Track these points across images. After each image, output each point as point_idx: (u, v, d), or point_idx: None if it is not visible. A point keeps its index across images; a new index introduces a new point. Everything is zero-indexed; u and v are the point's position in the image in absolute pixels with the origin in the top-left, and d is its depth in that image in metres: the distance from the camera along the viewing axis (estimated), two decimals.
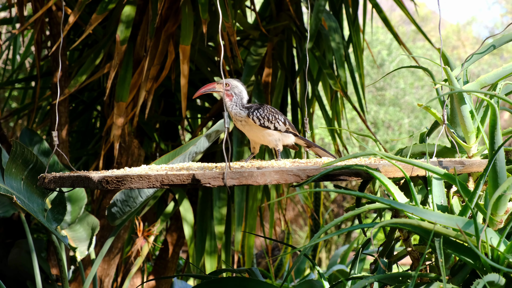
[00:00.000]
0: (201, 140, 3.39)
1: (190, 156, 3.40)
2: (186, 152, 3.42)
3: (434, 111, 2.41)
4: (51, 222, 3.40)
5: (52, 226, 3.37)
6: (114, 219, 3.55)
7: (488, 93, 2.05)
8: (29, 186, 3.32)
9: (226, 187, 1.90)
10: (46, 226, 3.27)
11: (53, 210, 3.46)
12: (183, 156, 3.41)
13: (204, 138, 3.37)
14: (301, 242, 10.75)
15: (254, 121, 2.46)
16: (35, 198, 3.33)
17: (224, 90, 2.47)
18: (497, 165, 1.98)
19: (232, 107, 2.49)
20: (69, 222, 3.82)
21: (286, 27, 4.76)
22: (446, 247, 1.92)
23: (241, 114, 2.48)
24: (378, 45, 13.17)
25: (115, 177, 1.95)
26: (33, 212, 3.20)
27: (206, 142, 3.40)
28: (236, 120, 2.50)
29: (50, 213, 3.44)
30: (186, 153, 3.41)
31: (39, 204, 3.34)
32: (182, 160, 3.40)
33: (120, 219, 3.56)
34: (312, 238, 1.92)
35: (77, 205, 3.85)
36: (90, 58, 4.36)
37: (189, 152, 3.40)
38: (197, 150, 3.39)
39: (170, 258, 5.00)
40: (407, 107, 12.95)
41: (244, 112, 2.48)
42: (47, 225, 3.27)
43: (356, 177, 2.03)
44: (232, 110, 2.49)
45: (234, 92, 2.50)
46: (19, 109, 5.57)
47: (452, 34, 20.82)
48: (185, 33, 4.05)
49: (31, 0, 4.30)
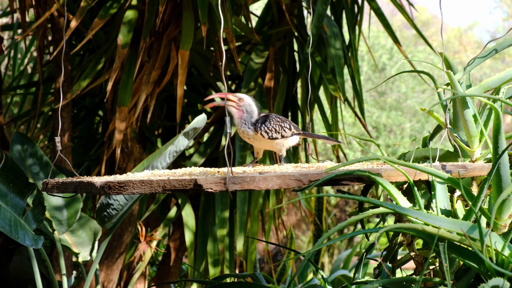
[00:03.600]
0: (179, 138, 3.40)
1: (170, 156, 3.43)
2: (165, 152, 3.44)
3: (437, 115, 2.41)
4: (31, 223, 3.37)
5: (31, 227, 3.35)
6: (104, 222, 3.58)
7: (492, 97, 2.04)
8: (3, 184, 3.27)
9: (228, 192, 1.90)
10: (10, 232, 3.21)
11: (33, 210, 3.41)
12: (163, 156, 3.44)
13: (182, 136, 3.40)
14: (303, 246, 10.74)
15: (263, 135, 2.46)
16: (13, 196, 3.30)
17: (236, 105, 2.47)
18: (501, 169, 1.97)
19: (241, 124, 2.48)
20: (66, 226, 3.80)
21: (288, 32, 4.77)
22: (450, 251, 1.91)
23: (249, 133, 2.48)
24: (379, 49, 13.17)
25: (117, 182, 1.94)
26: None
27: (185, 140, 3.42)
28: (244, 136, 2.51)
29: (30, 213, 3.40)
30: (166, 153, 3.44)
31: (17, 203, 3.31)
32: (163, 160, 3.43)
33: (110, 222, 3.59)
34: (316, 243, 1.92)
35: (72, 208, 3.83)
36: (92, 64, 4.37)
37: (169, 151, 3.41)
38: (176, 149, 3.42)
39: (173, 263, 5.00)
40: (409, 111, 12.95)
41: (252, 131, 2.47)
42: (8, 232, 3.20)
43: (359, 182, 2.03)
44: (241, 128, 2.49)
45: (246, 109, 2.49)
46: (20, 115, 5.57)
47: (454, 38, 20.83)
48: (185, 38, 4.05)
49: (33, 6, 4.31)
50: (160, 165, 3.43)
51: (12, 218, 3.23)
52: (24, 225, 3.29)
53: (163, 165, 3.43)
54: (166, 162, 3.43)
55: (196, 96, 5.07)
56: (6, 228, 3.14)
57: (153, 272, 6.18)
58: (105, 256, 4.48)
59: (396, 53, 13.05)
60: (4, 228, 3.13)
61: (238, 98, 2.48)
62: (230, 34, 3.90)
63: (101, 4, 4.53)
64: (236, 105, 2.48)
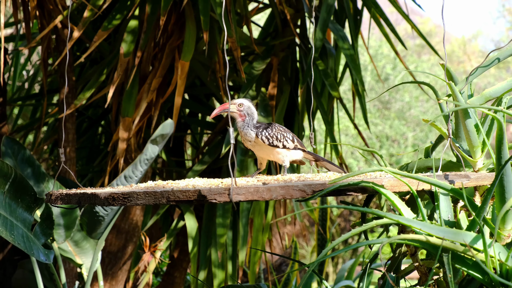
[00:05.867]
0: (148, 146, 3.50)
1: (142, 164, 3.51)
2: (136, 161, 3.54)
3: (439, 126, 2.41)
4: (40, 237, 3.38)
5: (40, 241, 3.36)
6: (89, 232, 3.66)
7: (494, 108, 2.04)
8: (12, 199, 3.27)
9: (232, 202, 1.90)
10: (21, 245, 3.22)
11: (41, 224, 3.43)
12: (134, 165, 3.53)
13: (150, 144, 3.48)
14: (307, 256, 10.71)
15: (263, 140, 2.47)
16: (21, 212, 3.31)
17: (237, 110, 2.49)
18: (504, 179, 1.97)
19: (244, 127, 2.50)
20: (64, 236, 3.79)
21: (291, 42, 4.78)
22: (454, 262, 1.91)
23: (251, 135, 2.49)
24: (382, 59, 13.19)
25: (121, 193, 1.95)
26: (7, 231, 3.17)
27: (155, 148, 3.50)
28: (246, 140, 2.52)
29: (38, 227, 3.42)
30: (136, 162, 3.54)
31: (26, 218, 3.32)
32: (135, 169, 3.54)
33: (96, 232, 3.63)
34: (320, 254, 1.92)
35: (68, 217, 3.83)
36: (95, 75, 4.38)
37: (139, 160, 3.52)
38: (147, 157, 3.50)
39: (178, 273, 4.99)
40: (412, 121, 12.95)
41: (254, 133, 2.49)
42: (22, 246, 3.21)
43: (362, 192, 2.03)
44: (243, 130, 2.50)
45: (247, 113, 2.51)
46: (24, 126, 5.59)
47: (458, 48, 20.83)
48: (187, 49, 4.08)
49: (38, 17, 4.33)
50: (133, 173, 3.53)
51: (24, 234, 3.25)
52: (34, 240, 3.31)
53: (136, 174, 3.53)
54: (138, 171, 3.54)
55: (198, 106, 5.08)
56: (22, 244, 3.16)
57: (157, 282, 6.17)
58: (110, 267, 4.48)
59: (400, 63, 13.06)
60: (20, 245, 3.15)
61: (238, 104, 2.50)
62: (234, 43, 3.92)
63: (105, 15, 4.55)
64: (237, 111, 2.50)
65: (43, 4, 4.27)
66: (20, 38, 5.42)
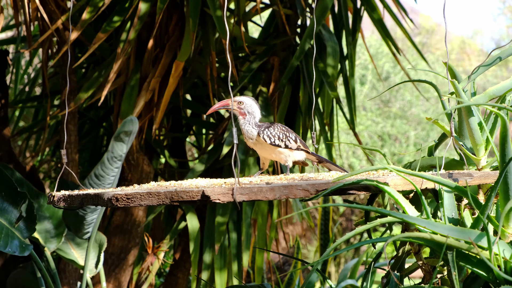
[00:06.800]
0: (112, 144, 3.57)
1: (111, 161, 3.57)
2: (103, 159, 3.60)
3: (442, 124, 2.40)
4: (23, 232, 3.39)
5: (24, 235, 3.36)
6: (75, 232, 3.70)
7: (498, 106, 2.04)
8: None
9: (236, 202, 1.90)
10: None
11: (26, 219, 3.45)
12: (102, 163, 3.61)
13: (114, 141, 3.54)
14: (309, 256, 10.71)
15: (264, 139, 2.46)
16: (7, 206, 3.32)
17: (237, 108, 2.48)
18: (508, 177, 1.97)
19: (245, 125, 2.49)
20: (56, 241, 3.79)
21: (291, 42, 4.78)
22: (458, 260, 1.91)
23: (253, 133, 2.48)
24: (383, 57, 13.17)
25: (124, 194, 1.94)
26: None
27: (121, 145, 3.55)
28: (247, 138, 2.50)
29: (23, 222, 3.43)
30: (104, 160, 3.60)
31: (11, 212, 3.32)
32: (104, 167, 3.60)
33: (82, 232, 3.65)
34: (323, 254, 1.91)
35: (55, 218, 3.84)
36: (95, 75, 4.39)
37: (106, 158, 3.59)
38: (114, 155, 3.58)
39: (181, 274, 4.99)
40: (413, 119, 12.93)
41: (255, 131, 2.48)
42: None
43: (366, 191, 2.03)
44: (245, 128, 2.49)
45: (247, 111, 2.50)
46: (26, 128, 5.59)
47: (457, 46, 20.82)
48: (184, 50, 4.09)
49: (39, 19, 4.33)
50: (103, 171, 3.58)
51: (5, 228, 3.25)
52: (15, 233, 3.31)
53: (107, 172, 3.58)
54: (109, 169, 3.60)
55: (200, 106, 5.08)
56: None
57: (160, 283, 6.17)
58: (113, 268, 4.48)
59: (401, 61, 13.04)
60: None
61: (238, 102, 2.49)
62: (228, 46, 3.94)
63: (106, 17, 4.55)
64: (237, 109, 2.49)
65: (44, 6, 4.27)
66: (21, 40, 5.42)
